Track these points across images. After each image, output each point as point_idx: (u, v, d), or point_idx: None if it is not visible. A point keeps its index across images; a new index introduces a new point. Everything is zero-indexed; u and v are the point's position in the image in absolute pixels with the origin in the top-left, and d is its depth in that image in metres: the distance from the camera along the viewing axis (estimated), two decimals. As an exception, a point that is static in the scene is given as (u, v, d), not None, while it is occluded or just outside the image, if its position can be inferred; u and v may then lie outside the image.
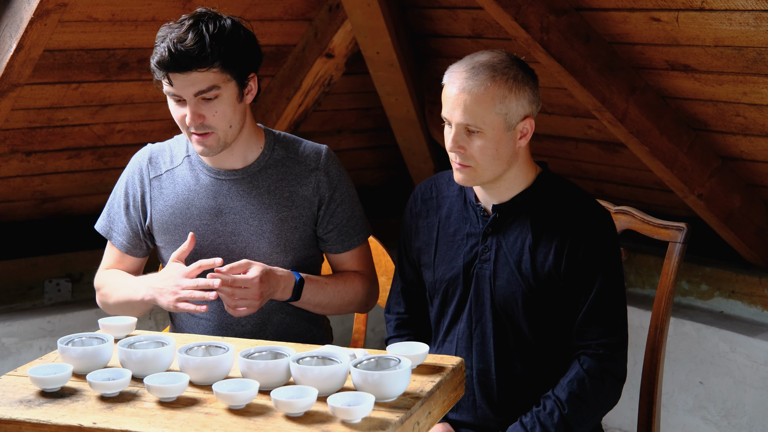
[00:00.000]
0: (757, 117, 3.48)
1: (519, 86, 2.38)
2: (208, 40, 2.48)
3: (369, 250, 2.74)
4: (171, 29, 2.51)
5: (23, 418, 2.00)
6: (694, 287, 4.21)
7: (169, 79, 2.49)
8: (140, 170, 2.70)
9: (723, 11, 3.12)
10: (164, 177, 2.67)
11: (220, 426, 1.96)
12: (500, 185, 2.46)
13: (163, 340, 2.24)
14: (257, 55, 2.59)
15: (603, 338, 2.41)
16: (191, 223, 2.62)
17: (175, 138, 2.75)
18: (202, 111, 2.51)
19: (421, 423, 2.06)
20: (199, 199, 2.63)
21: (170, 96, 2.54)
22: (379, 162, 5.13)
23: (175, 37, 2.48)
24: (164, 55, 2.47)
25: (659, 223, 2.66)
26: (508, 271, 2.44)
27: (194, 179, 2.64)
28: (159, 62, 2.49)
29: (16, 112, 3.94)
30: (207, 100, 2.50)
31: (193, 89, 2.49)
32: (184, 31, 2.49)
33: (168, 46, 2.47)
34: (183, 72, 2.47)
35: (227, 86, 2.52)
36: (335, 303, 2.66)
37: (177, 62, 2.47)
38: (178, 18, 2.55)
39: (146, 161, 2.70)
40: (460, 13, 4.09)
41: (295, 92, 4.46)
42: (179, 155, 2.69)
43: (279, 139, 2.68)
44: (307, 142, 2.70)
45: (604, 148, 4.19)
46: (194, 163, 2.66)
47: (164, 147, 2.73)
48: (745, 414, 3.85)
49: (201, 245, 2.62)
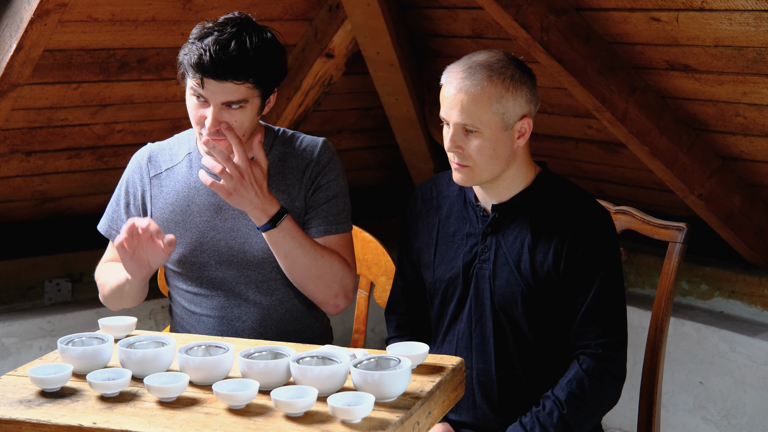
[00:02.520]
0: (757, 117, 3.48)
1: (516, 86, 2.38)
2: (251, 54, 2.46)
3: (351, 244, 2.69)
4: (211, 31, 2.48)
5: (23, 418, 2.00)
6: (694, 287, 4.21)
7: (202, 81, 2.46)
8: (140, 169, 2.70)
9: (723, 11, 3.12)
10: (164, 175, 2.68)
11: (220, 426, 1.96)
12: (499, 185, 2.46)
13: (163, 340, 2.24)
14: (285, 72, 2.59)
15: (602, 338, 2.41)
16: (191, 220, 2.63)
17: (174, 137, 2.75)
18: (224, 118, 2.49)
19: (421, 423, 2.06)
20: (199, 196, 2.64)
21: (192, 94, 2.51)
22: (379, 162, 5.13)
23: (218, 43, 2.44)
24: (204, 59, 2.43)
25: (659, 223, 2.66)
26: (507, 270, 2.45)
27: (194, 177, 2.65)
28: (196, 64, 2.45)
29: (16, 112, 3.94)
30: (231, 109, 2.49)
31: (223, 98, 2.47)
32: (227, 37, 2.46)
33: (210, 50, 2.44)
34: (218, 80, 2.45)
35: (253, 100, 2.51)
36: (306, 266, 2.55)
37: (215, 69, 2.44)
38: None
39: (146, 160, 2.70)
40: (460, 13, 4.09)
41: (295, 92, 4.46)
42: (180, 153, 2.69)
43: (278, 135, 2.69)
44: (305, 136, 2.70)
45: (604, 148, 4.19)
46: (195, 160, 2.67)
47: (164, 146, 2.73)
48: (745, 414, 3.85)
49: (201, 242, 2.62)
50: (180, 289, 2.70)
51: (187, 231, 2.63)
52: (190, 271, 2.65)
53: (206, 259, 2.63)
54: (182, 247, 2.64)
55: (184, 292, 2.69)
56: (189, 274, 2.66)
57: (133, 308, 4.36)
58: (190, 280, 2.67)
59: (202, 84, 2.47)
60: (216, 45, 2.44)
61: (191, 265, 2.65)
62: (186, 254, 2.64)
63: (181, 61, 2.51)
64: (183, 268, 2.66)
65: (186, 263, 2.65)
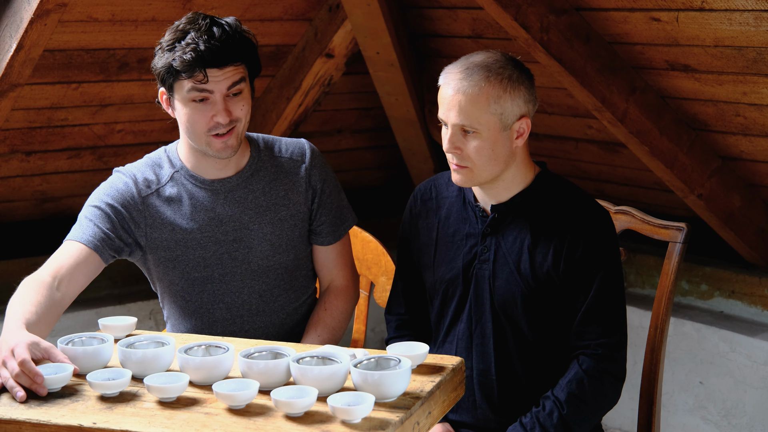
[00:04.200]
0: (757, 117, 3.48)
1: (514, 86, 2.38)
2: (236, 36, 2.50)
3: (349, 239, 2.77)
4: (186, 29, 2.48)
5: (23, 418, 2.00)
6: (694, 287, 4.21)
7: (205, 74, 2.46)
8: (129, 188, 2.58)
9: (723, 11, 3.12)
10: (156, 195, 2.60)
11: (220, 426, 1.96)
12: (498, 185, 2.46)
13: (163, 340, 2.24)
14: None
15: (602, 338, 2.40)
16: (192, 237, 2.59)
17: (146, 159, 2.65)
18: (230, 107, 2.51)
19: (421, 423, 2.06)
20: (197, 211, 2.60)
21: (192, 99, 2.48)
22: (379, 162, 5.13)
23: (205, 33, 2.46)
24: (200, 50, 2.44)
25: (659, 223, 2.66)
26: (507, 271, 2.44)
27: (188, 193, 2.60)
28: (194, 59, 2.44)
29: (16, 112, 3.94)
30: (235, 96, 2.51)
31: (228, 82, 2.48)
32: (206, 28, 2.48)
33: (200, 41, 2.45)
34: (220, 67, 2.47)
35: (246, 84, 2.55)
36: (338, 336, 2.71)
37: (214, 57, 2.45)
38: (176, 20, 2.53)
39: (132, 181, 2.59)
40: (460, 13, 4.09)
41: (295, 92, 4.46)
42: (164, 173, 2.62)
43: (260, 141, 2.69)
44: (284, 139, 2.71)
45: (604, 148, 4.19)
46: (186, 177, 2.61)
47: (143, 169, 2.62)
48: (745, 414, 3.85)
49: (204, 256, 2.60)
50: (177, 308, 2.67)
51: (188, 248, 2.60)
52: (192, 286, 2.62)
53: (210, 273, 2.61)
54: (185, 264, 2.60)
55: (182, 306, 2.66)
56: (190, 290, 2.63)
57: (133, 308, 4.37)
58: (189, 296, 2.63)
59: (205, 77, 2.46)
60: (205, 35, 2.46)
61: (194, 281, 2.61)
62: (189, 270, 2.61)
63: (165, 70, 2.48)
64: (185, 284, 2.62)
65: (189, 279, 2.61)
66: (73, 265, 2.48)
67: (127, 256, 2.62)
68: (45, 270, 2.45)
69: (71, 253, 2.50)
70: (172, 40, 2.49)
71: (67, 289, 2.45)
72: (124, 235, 2.56)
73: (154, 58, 2.53)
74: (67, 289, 2.45)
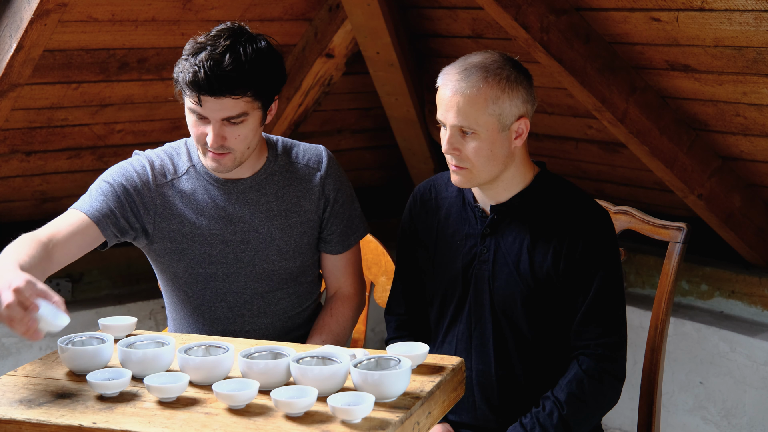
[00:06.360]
0: (757, 117, 3.48)
1: (512, 86, 2.38)
2: (246, 67, 2.40)
3: (359, 248, 2.74)
4: (204, 45, 2.42)
5: (23, 418, 2.00)
6: (694, 287, 4.21)
7: (199, 99, 2.41)
8: (146, 173, 2.58)
9: (723, 11, 3.12)
10: (170, 185, 2.60)
11: (220, 426, 1.96)
12: (498, 186, 2.45)
13: (163, 340, 2.24)
14: (285, 79, 2.54)
15: (602, 338, 2.40)
16: (200, 232, 2.59)
17: (168, 147, 2.66)
18: (225, 134, 2.45)
19: (421, 423, 2.06)
20: (208, 208, 2.59)
21: (192, 112, 2.47)
22: (379, 162, 5.13)
23: (212, 58, 2.39)
24: (199, 76, 2.38)
25: (659, 223, 2.66)
26: (506, 271, 2.44)
27: (202, 188, 2.60)
28: (192, 82, 2.40)
29: (16, 112, 3.94)
30: (232, 124, 2.45)
31: (222, 114, 2.43)
32: (220, 51, 2.40)
33: (204, 66, 2.38)
34: (216, 97, 2.41)
35: (254, 112, 2.47)
36: (342, 343, 2.70)
37: (211, 86, 2.39)
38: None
39: (149, 167, 2.59)
40: (460, 13, 4.09)
41: (295, 92, 4.46)
42: (182, 165, 2.62)
43: (279, 145, 2.66)
44: (303, 144, 2.68)
45: (604, 148, 4.19)
46: (201, 172, 2.61)
47: (162, 156, 2.63)
48: (745, 414, 3.85)
49: (209, 253, 2.59)
50: (179, 302, 2.68)
51: (195, 243, 2.59)
52: (195, 282, 2.62)
53: (214, 271, 2.61)
54: (189, 258, 2.60)
55: (185, 301, 2.67)
56: (193, 285, 2.63)
57: (133, 308, 4.37)
58: (192, 291, 2.64)
59: (199, 102, 2.42)
60: (210, 60, 2.39)
61: (197, 276, 2.61)
62: (193, 265, 2.61)
63: (176, 78, 2.46)
64: (189, 279, 2.62)
65: (192, 274, 2.61)
66: (70, 233, 2.46)
67: (132, 239, 2.61)
68: (43, 231, 2.44)
69: (71, 221, 2.48)
70: (189, 51, 2.45)
71: (59, 254, 2.42)
72: (131, 218, 2.55)
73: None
74: (59, 254, 2.42)
